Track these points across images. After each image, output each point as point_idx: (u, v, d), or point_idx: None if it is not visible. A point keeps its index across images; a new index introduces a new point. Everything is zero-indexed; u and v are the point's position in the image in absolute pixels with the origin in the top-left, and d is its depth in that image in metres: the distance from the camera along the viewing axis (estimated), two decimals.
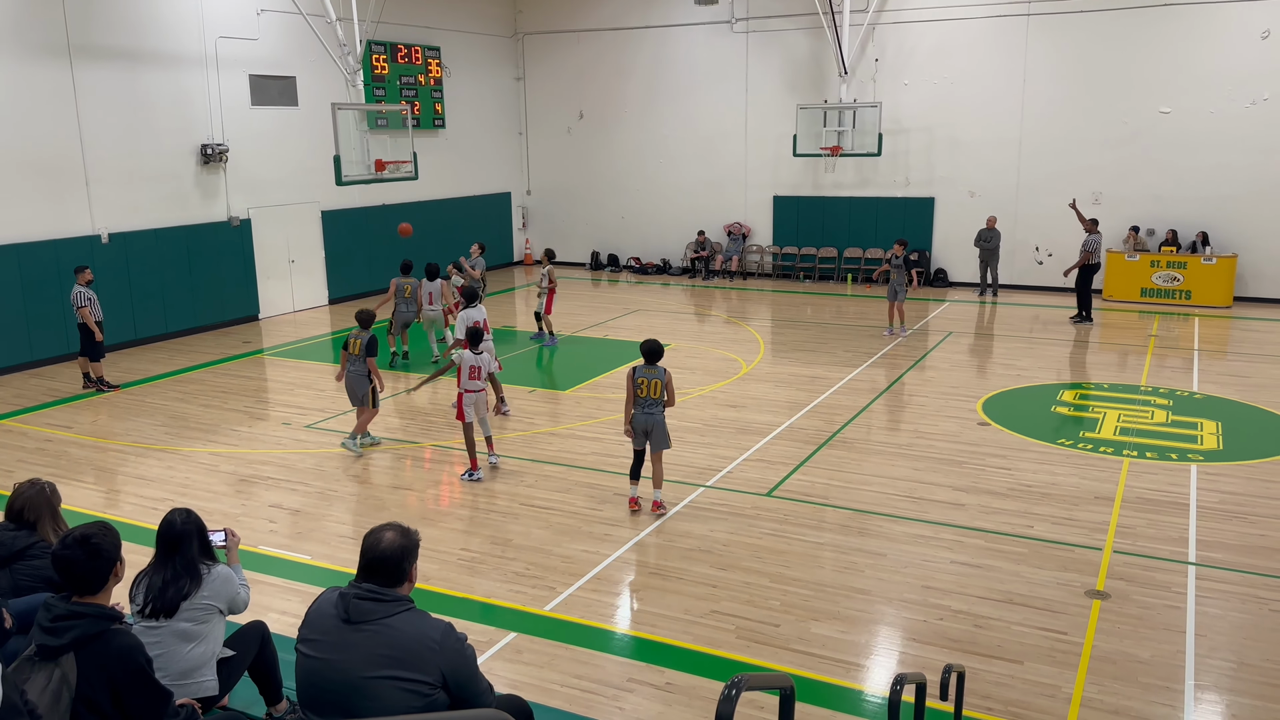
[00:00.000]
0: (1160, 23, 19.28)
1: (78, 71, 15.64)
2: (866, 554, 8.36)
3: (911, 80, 21.53)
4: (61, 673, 3.63)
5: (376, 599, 3.61)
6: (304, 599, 7.61)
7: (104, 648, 3.71)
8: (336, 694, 3.57)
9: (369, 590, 3.63)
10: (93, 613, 3.75)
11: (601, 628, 7.21)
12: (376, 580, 3.65)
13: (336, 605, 3.64)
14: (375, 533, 3.72)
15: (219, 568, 4.67)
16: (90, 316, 13.68)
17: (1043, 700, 6.17)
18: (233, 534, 5.03)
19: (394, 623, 3.58)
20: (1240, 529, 8.74)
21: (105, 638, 3.73)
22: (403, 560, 3.67)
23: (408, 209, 22.22)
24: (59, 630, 3.68)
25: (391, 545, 3.66)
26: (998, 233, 20.63)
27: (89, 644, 3.69)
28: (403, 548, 3.67)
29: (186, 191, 17.60)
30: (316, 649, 3.63)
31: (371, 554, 3.67)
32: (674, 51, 23.86)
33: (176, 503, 9.68)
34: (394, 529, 3.73)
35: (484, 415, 10.33)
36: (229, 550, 5.00)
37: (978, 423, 12.00)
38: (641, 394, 9.08)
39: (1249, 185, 19.10)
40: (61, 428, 12.41)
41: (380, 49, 21.11)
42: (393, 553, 3.65)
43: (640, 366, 9.10)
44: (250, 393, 13.98)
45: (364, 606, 3.59)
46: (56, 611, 3.73)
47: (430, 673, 3.53)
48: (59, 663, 3.64)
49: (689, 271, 24.31)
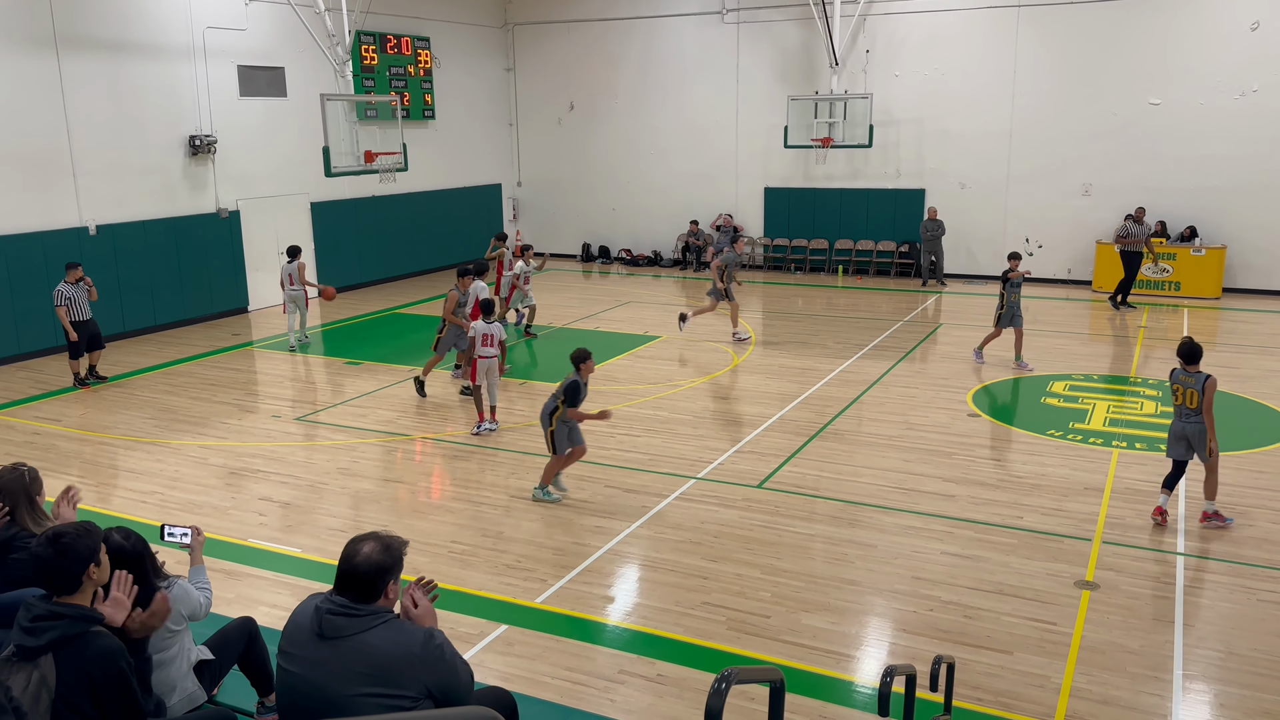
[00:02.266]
0: (1150, 14, 19.30)
1: (64, 63, 15.52)
2: (857, 545, 8.38)
3: (902, 72, 21.52)
4: (40, 674, 3.54)
5: (349, 614, 3.41)
6: (294, 592, 7.60)
7: (83, 650, 3.60)
8: (315, 711, 3.41)
9: (341, 605, 3.43)
10: (72, 614, 3.65)
11: (593, 620, 7.22)
12: (350, 594, 3.44)
13: (312, 619, 3.46)
14: (355, 543, 3.49)
15: (175, 587, 4.39)
16: (65, 316, 13.30)
17: (1032, 690, 6.20)
18: (199, 531, 4.76)
19: (369, 639, 3.38)
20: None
21: (84, 640, 3.62)
22: (377, 578, 3.43)
23: (398, 201, 22.16)
24: (37, 631, 3.60)
25: (367, 561, 3.43)
26: (940, 223, 20.87)
27: (67, 646, 3.59)
28: (379, 565, 3.44)
29: (174, 183, 17.50)
30: (293, 664, 3.49)
31: (345, 566, 3.46)
32: (665, 42, 23.80)
33: (166, 496, 9.70)
34: (374, 541, 3.49)
35: (494, 381, 10.44)
36: (193, 549, 4.75)
37: (968, 414, 12.02)
38: (1177, 400, 8.61)
39: (1238, 177, 19.16)
40: (50, 421, 12.35)
41: (369, 39, 21.01)
42: (367, 569, 3.43)
43: (1176, 371, 8.64)
44: (240, 385, 13.93)
45: (336, 622, 3.41)
46: (35, 612, 3.64)
47: (412, 687, 3.37)
48: (38, 664, 3.56)
49: (680, 263, 24.29)
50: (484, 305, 11.58)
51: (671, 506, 9.25)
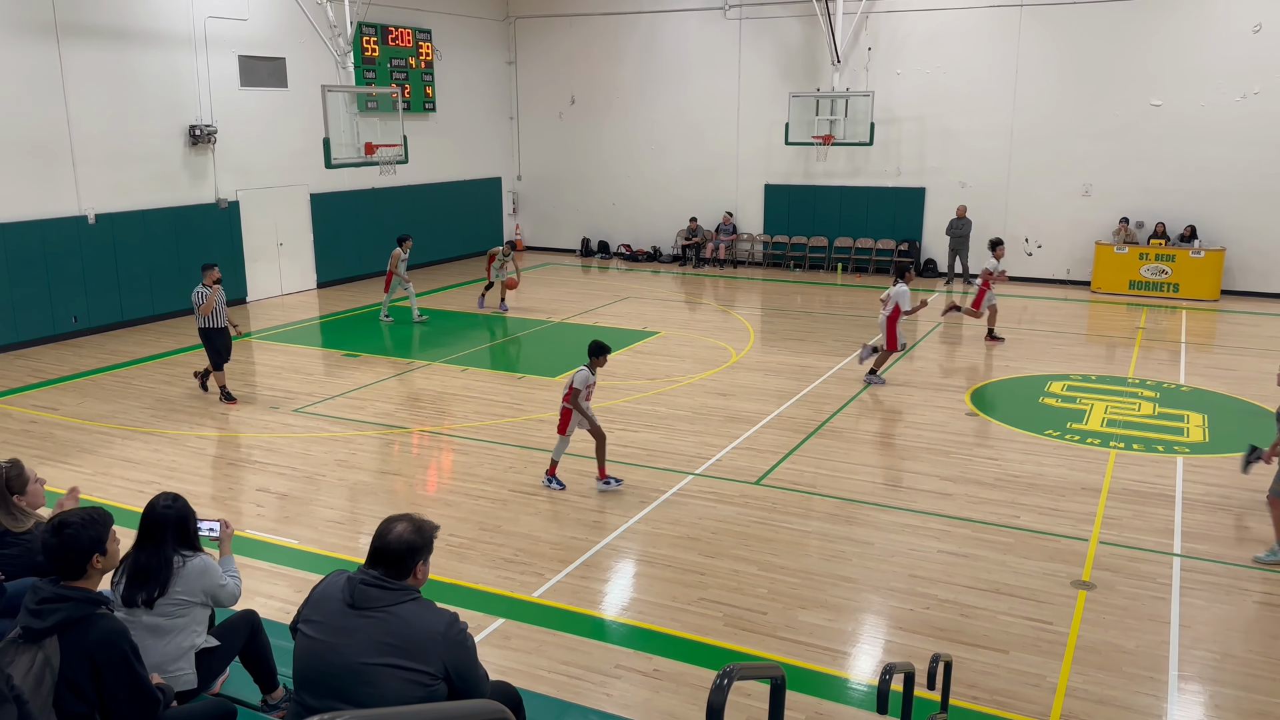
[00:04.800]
0: (1152, 15, 19.29)
1: (65, 51, 15.47)
2: (854, 542, 8.38)
3: (904, 70, 21.50)
4: (44, 655, 3.62)
5: (382, 586, 3.57)
6: (291, 583, 7.60)
7: (87, 632, 3.68)
8: (334, 677, 3.54)
9: (375, 577, 3.59)
10: (78, 596, 3.72)
11: (590, 614, 7.22)
12: (382, 569, 3.61)
13: (344, 589, 3.61)
14: (389, 521, 3.67)
15: (196, 560, 4.48)
16: (206, 322, 12.13)
17: (1028, 689, 6.21)
18: (226, 525, 4.88)
19: (399, 611, 3.55)
20: (1225, 521, 8.80)
21: (89, 621, 3.70)
22: (406, 556, 3.60)
23: (398, 193, 22.13)
24: (44, 613, 3.67)
25: (399, 539, 3.61)
26: (968, 221, 20.70)
27: (72, 628, 3.67)
28: (410, 544, 3.61)
29: (174, 173, 17.46)
30: (318, 630, 3.60)
31: (379, 543, 3.63)
32: (667, 37, 23.76)
33: (164, 486, 9.68)
34: (408, 521, 3.67)
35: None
36: (221, 541, 4.86)
37: (966, 413, 12.03)
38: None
39: (1238, 179, 19.17)
40: (47, 409, 12.33)
41: (371, 31, 20.95)
42: (398, 546, 3.60)
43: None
44: (237, 376, 13.90)
45: (370, 593, 3.56)
46: (43, 594, 3.72)
47: (433, 664, 3.51)
48: (43, 645, 3.64)
49: (680, 259, 24.27)
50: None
51: (669, 502, 9.25)
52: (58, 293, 15.77)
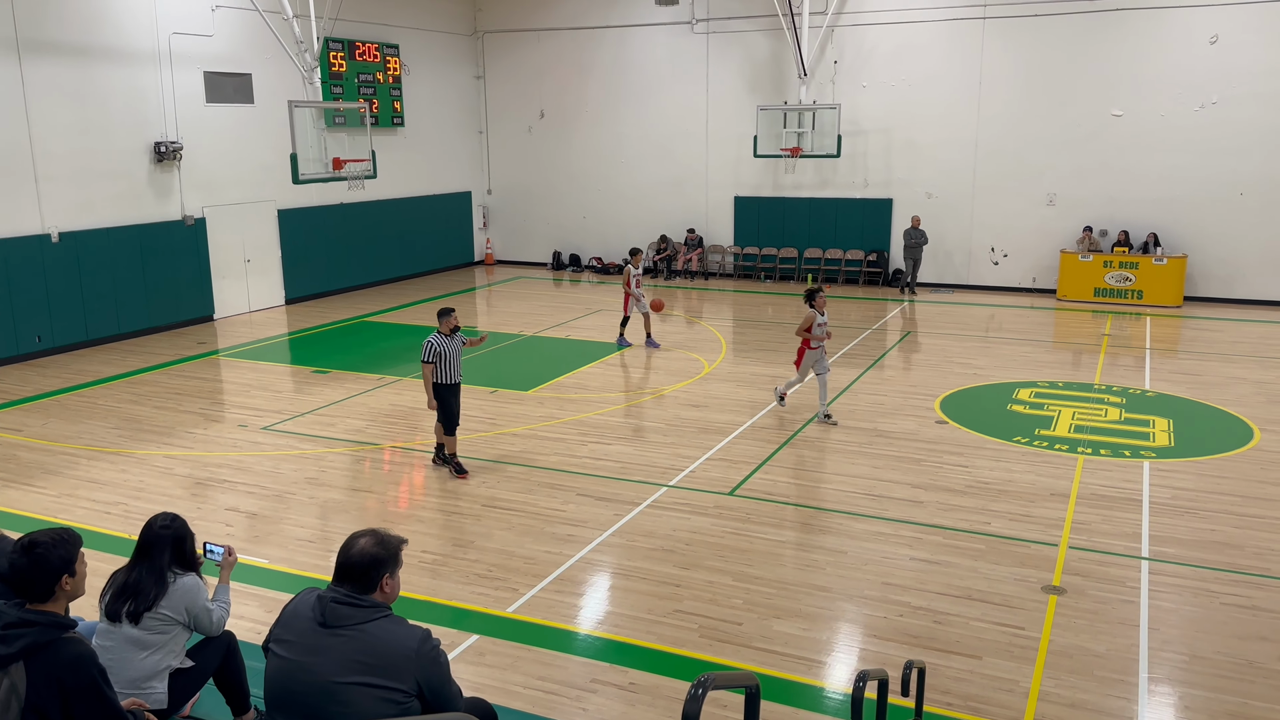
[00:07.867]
0: (1113, 27, 19.62)
1: (26, 67, 15.29)
2: (827, 552, 8.42)
3: (870, 82, 21.71)
4: (11, 682, 3.54)
5: (353, 604, 3.55)
6: (262, 603, 7.52)
7: (54, 657, 3.60)
8: (306, 697, 3.51)
9: (345, 595, 3.58)
10: (44, 621, 3.63)
11: (564, 629, 7.19)
12: (349, 585, 3.59)
13: (314, 608, 3.59)
14: (353, 536, 3.67)
15: (186, 579, 4.49)
16: (429, 377, 9.97)
17: (1001, 695, 6.25)
18: (231, 552, 4.87)
19: (370, 629, 3.52)
20: (1192, 524, 8.92)
21: (56, 647, 3.61)
22: (371, 569, 3.59)
23: (366, 208, 22.03)
24: (9, 638, 3.57)
25: (362, 553, 3.60)
26: (922, 232, 20.99)
27: (39, 653, 3.58)
28: (374, 557, 3.60)
29: (139, 190, 17.28)
30: (289, 650, 3.57)
31: (343, 558, 3.62)
32: (635, 51, 23.86)
33: (131, 507, 9.56)
34: (371, 536, 3.66)
35: None
36: (223, 568, 4.86)
37: (936, 421, 12.13)
38: None
39: (1199, 187, 19.51)
40: (11, 430, 12.14)
41: (338, 46, 20.89)
42: (362, 560, 3.59)
43: None
44: (205, 394, 13.77)
45: (340, 611, 3.54)
46: (7, 619, 3.62)
47: (405, 681, 3.48)
48: (8, 671, 3.55)
49: (651, 271, 24.32)
50: None
51: (643, 514, 9.25)
52: (20, 312, 15.54)
